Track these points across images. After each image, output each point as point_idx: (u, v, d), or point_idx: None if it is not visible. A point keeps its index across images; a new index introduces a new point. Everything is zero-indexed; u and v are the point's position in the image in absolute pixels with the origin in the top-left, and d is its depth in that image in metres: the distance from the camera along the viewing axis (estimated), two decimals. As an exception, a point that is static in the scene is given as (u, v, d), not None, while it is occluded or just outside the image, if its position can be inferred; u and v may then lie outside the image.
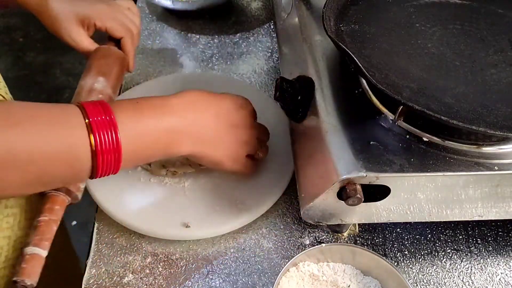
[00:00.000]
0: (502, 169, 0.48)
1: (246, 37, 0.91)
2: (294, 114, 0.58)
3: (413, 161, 0.48)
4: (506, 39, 0.59)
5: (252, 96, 0.75)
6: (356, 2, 0.63)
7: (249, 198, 0.62)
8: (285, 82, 0.57)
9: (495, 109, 0.50)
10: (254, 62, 0.85)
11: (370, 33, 0.59)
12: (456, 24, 0.61)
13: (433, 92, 0.51)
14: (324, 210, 0.51)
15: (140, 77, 0.82)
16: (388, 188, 0.48)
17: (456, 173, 0.48)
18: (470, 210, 0.52)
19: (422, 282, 0.57)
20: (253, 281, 0.57)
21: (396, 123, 0.51)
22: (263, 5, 0.98)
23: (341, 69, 0.58)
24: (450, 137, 0.50)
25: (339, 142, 0.49)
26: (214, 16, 0.95)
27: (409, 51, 0.56)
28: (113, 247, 0.60)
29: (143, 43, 0.89)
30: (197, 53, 0.87)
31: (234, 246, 0.60)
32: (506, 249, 0.60)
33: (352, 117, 0.52)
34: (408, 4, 0.63)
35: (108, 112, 0.46)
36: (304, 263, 0.53)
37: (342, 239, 0.61)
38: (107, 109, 0.46)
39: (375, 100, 0.53)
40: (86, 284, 0.57)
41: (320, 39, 0.61)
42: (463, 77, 0.54)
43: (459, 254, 0.59)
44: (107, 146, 0.45)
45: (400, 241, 0.60)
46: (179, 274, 0.58)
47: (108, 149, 0.45)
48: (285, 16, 0.71)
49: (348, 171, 0.47)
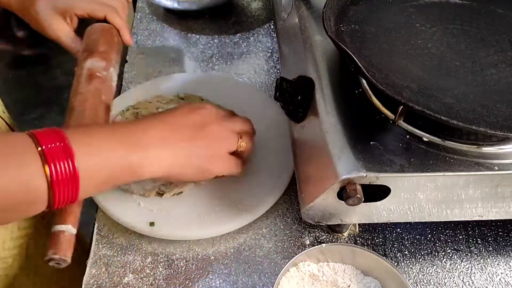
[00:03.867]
0: (502, 169, 0.48)
1: (246, 37, 0.90)
2: (294, 114, 0.58)
3: (413, 161, 0.48)
4: (506, 39, 0.59)
5: (252, 96, 0.75)
6: (356, 2, 0.63)
7: (249, 198, 0.62)
8: (285, 82, 0.57)
9: (495, 109, 0.50)
10: (254, 62, 0.85)
11: (370, 33, 0.59)
12: (456, 24, 0.61)
13: (433, 92, 0.51)
14: (324, 210, 0.51)
15: (140, 77, 0.82)
16: (388, 188, 0.48)
17: (456, 173, 0.48)
18: (470, 210, 0.52)
19: (422, 282, 0.57)
20: (253, 281, 0.57)
21: (396, 123, 0.51)
22: (263, 5, 0.98)
23: (341, 69, 0.58)
24: (450, 137, 0.50)
25: (339, 142, 0.49)
26: (214, 16, 0.95)
27: (409, 51, 0.56)
28: (113, 247, 0.60)
29: (143, 43, 0.89)
30: (197, 53, 0.87)
31: (234, 246, 0.60)
32: (506, 249, 0.60)
33: (352, 117, 0.52)
34: (408, 4, 0.63)
35: (61, 137, 0.43)
36: (304, 263, 0.53)
37: (342, 239, 0.61)
38: (59, 135, 0.43)
39: (375, 100, 0.53)
40: (86, 284, 0.57)
41: (320, 39, 0.61)
42: (463, 77, 0.54)
43: (459, 254, 0.59)
44: (63, 177, 0.42)
45: (400, 241, 0.60)
46: (179, 274, 0.58)
47: (64, 179, 0.42)
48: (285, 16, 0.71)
49: (348, 171, 0.47)
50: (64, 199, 0.43)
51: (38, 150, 0.41)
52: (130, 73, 0.83)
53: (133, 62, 0.85)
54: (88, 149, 0.44)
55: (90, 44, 0.65)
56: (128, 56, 0.86)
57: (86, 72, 0.61)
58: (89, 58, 0.62)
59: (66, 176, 0.42)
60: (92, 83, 0.59)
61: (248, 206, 0.61)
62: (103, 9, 0.69)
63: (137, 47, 0.88)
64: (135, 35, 0.91)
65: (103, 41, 0.65)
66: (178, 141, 0.51)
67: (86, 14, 0.68)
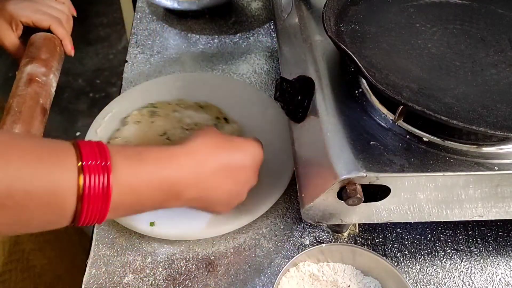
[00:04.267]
0: (502, 169, 0.48)
1: (246, 37, 0.90)
2: (294, 114, 0.58)
3: (413, 161, 0.48)
4: (506, 39, 0.59)
5: (252, 96, 0.75)
6: (356, 2, 0.63)
7: (249, 198, 0.61)
8: (285, 82, 0.57)
9: (495, 109, 0.50)
10: (254, 62, 0.85)
11: (370, 33, 0.59)
12: (456, 24, 0.61)
13: (433, 92, 0.51)
14: (324, 210, 0.51)
15: (140, 77, 0.82)
16: (388, 188, 0.48)
17: (456, 173, 0.48)
18: (470, 210, 0.52)
19: (422, 282, 0.57)
20: (253, 281, 0.57)
21: (396, 123, 0.51)
22: (263, 5, 0.98)
23: (341, 69, 0.57)
24: (450, 137, 0.50)
25: (339, 142, 0.49)
26: (214, 16, 0.95)
27: (409, 51, 0.56)
28: (113, 247, 0.60)
29: (143, 43, 0.89)
30: (197, 53, 0.87)
31: (234, 246, 0.60)
32: (506, 249, 0.60)
33: (352, 117, 0.52)
34: (408, 4, 0.63)
35: (105, 156, 0.41)
36: (304, 263, 0.53)
37: (342, 239, 0.61)
38: (103, 153, 0.42)
39: (375, 100, 0.53)
40: (86, 284, 0.57)
41: (320, 39, 0.61)
42: (463, 77, 0.54)
43: (459, 254, 0.59)
44: (95, 191, 0.40)
45: (400, 241, 0.60)
46: (179, 274, 0.58)
47: (96, 194, 0.40)
48: (285, 16, 0.71)
49: (348, 171, 0.47)
50: (92, 216, 0.41)
51: (78, 165, 0.40)
52: (130, 73, 0.83)
53: (133, 62, 0.85)
54: (127, 170, 0.43)
55: (33, 51, 0.67)
56: (128, 56, 0.86)
57: (26, 76, 0.63)
58: (30, 63, 0.65)
59: (98, 192, 0.40)
60: (31, 87, 0.62)
61: (248, 206, 0.61)
62: (48, 19, 0.71)
63: (137, 47, 0.88)
64: (135, 35, 0.91)
65: (45, 49, 0.68)
66: (216, 186, 0.50)
67: (31, 22, 0.70)
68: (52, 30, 0.71)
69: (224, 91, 0.75)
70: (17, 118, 0.58)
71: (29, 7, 0.71)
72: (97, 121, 0.72)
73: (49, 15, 0.71)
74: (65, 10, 0.75)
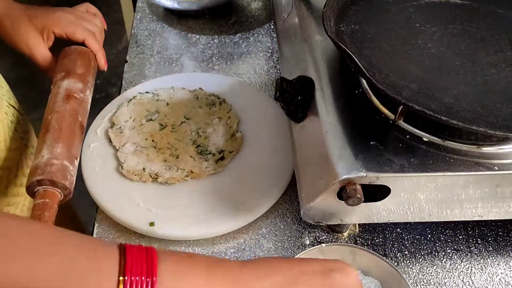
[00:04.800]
0: (502, 169, 0.48)
1: (246, 37, 0.90)
2: (294, 114, 0.58)
3: (413, 161, 0.48)
4: (506, 39, 0.59)
5: (252, 96, 0.75)
6: (356, 2, 0.63)
7: (249, 198, 0.62)
8: (285, 82, 0.57)
9: (495, 109, 0.50)
10: (254, 62, 0.85)
11: (370, 33, 0.59)
12: (456, 24, 0.61)
13: (433, 92, 0.51)
14: (324, 210, 0.51)
15: (140, 77, 0.82)
16: (388, 188, 0.48)
17: (456, 173, 0.48)
18: (470, 210, 0.52)
19: (422, 282, 0.57)
20: (253, 281, 0.57)
21: (396, 123, 0.51)
22: (263, 5, 0.98)
23: (341, 69, 0.58)
24: (450, 137, 0.50)
25: (339, 142, 0.49)
26: (214, 16, 0.95)
27: (409, 51, 0.57)
28: (113, 247, 0.60)
29: (143, 43, 0.89)
30: (197, 53, 0.87)
31: (234, 246, 0.60)
32: (506, 249, 0.60)
33: (352, 117, 0.52)
34: (408, 4, 0.63)
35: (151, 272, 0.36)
36: (304, 263, 0.53)
37: (342, 239, 0.61)
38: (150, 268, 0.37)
39: (375, 100, 0.53)
40: (86, 284, 0.57)
41: (320, 39, 0.61)
42: (463, 77, 0.54)
43: (459, 254, 0.59)
44: None
45: (400, 241, 0.60)
46: (179, 274, 0.58)
47: None
48: (285, 16, 0.71)
49: (348, 171, 0.47)
50: None
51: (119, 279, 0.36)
52: (130, 73, 0.83)
53: (133, 62, 0.85)
54: None
55: (68, 65, 0.66)
56: (128, 56, 0.86)
57: (64, 91, 0.62)
58: (66, 78, 0.64)
59: None
60: (69, 103, 0.61)
61: (248, 206, 0.61)
62: (82, 32, 0.69)
63: (137, 47, 0.88)
64: (135, 35, 0.91)
65: (80, 63, 0.67)
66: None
67: (64, 34, 0.68)
68: (86, 44, 0.69)
69: (224, 91, 0.75)
70: (57, 136, 0.57)
71: (63, 17, 0.68)
72: (97, 121, 0.72)
73: (83, 28, 0.69)
74: (97, 23, 0.74)
